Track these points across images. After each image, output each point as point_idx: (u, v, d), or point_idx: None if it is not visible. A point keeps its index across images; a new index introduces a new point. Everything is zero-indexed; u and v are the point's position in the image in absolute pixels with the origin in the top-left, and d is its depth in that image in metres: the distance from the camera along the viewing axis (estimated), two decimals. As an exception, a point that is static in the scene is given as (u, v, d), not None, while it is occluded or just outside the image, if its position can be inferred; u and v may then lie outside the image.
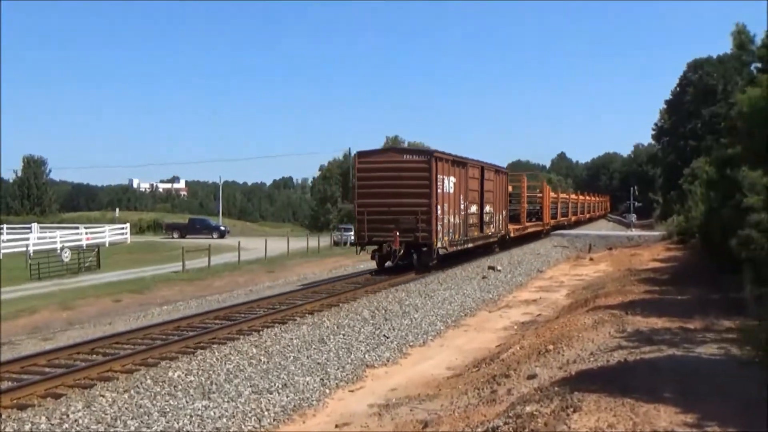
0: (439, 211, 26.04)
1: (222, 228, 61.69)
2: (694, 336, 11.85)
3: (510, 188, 41.04)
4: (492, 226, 34.41)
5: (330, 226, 73.24)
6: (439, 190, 26.13)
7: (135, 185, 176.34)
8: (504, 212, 37.36)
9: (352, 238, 49.31)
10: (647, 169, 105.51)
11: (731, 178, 14.75)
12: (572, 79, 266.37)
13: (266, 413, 10.76)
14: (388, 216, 25.63)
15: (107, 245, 47.44)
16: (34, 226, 57.22)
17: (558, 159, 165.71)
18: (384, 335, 16.52)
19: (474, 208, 31.29)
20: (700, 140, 58.40)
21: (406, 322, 18.10)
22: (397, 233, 25.35)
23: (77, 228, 53.52)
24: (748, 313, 6.57)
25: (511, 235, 39.19)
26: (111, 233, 52.82)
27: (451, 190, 27.61)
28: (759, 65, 15.57)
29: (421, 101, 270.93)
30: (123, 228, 55.97)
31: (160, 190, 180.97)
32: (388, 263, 26.67)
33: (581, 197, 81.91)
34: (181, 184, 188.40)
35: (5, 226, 56.27)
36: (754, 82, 13.20)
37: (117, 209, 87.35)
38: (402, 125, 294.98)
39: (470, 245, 30.94)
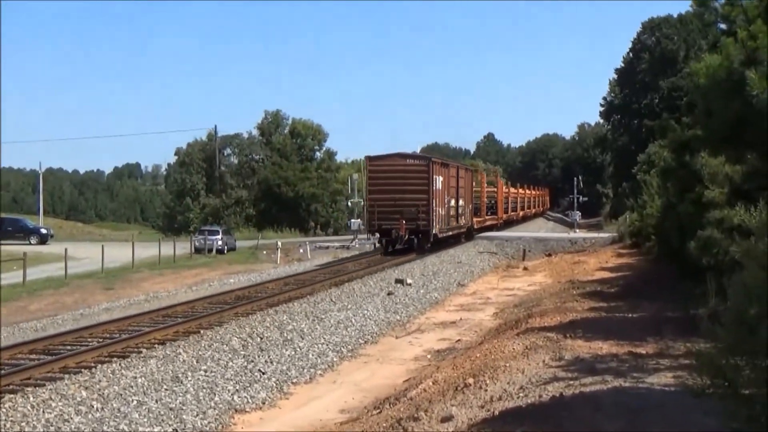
0: (434, 204, 39.81)
1: (43, 230, 60.02)
2: (645, 363, 12.35)
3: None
4: (463, 217, 49.24)
5: (190, 227, 72.15)
6: (434, 188, 39.78)
7: None
8: (470, 206, 52.64)
9: (219, 243, 49.98)
10: (595, 154, 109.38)
11: (690, 167, 15.44)
12: (502, 44, 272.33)
13: (99, 477, 10.55)
14: (394, 208, 38.78)
15: None
16: None
17: (485, 142, 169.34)
18: (259, 370, 16.51)
19: (453, 202, 45.74)
20: (657, 119, 60.89)
21: (288, 353, 18.10)
22: (403, 222, 38.57)
23: None
24: (702, 333, 6.89)
25: (475, 226, 53.77)
26: None
27: (440, 188, 41.49)
28: (723, 26, 16.21)
29: (309, 72, 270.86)
30: None
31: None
32: (390, 248, 39.91)
33: (524, 191, 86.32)
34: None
35: None
36: (717, 47, 13.69)
37: None
38: (288, 99, 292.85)
39: (450, 233, 45.59)
